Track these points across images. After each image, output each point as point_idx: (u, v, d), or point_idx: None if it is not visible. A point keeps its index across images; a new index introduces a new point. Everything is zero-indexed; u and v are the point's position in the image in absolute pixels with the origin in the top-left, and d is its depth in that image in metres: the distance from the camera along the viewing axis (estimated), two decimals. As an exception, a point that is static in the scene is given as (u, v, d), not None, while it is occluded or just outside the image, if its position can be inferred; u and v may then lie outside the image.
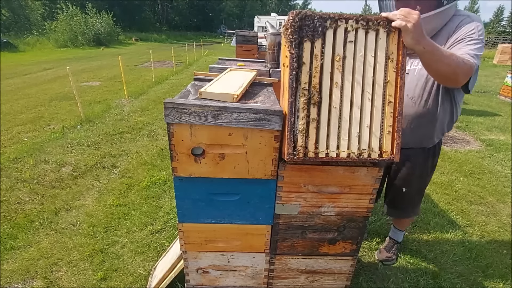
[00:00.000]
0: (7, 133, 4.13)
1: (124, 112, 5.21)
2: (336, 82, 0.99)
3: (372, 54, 1.00)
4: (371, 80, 1.00)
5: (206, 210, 1.20)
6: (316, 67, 0.98)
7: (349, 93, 1.00)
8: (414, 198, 1.77)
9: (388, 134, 1.02)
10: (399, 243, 2.02)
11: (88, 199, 2.62)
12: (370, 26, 0.98)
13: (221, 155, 1.08)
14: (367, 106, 1.01)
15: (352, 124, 1.01)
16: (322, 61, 0.98)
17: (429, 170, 1.67)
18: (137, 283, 1.77)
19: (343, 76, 0.99)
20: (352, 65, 0.99)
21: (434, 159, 1.65)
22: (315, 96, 0.98)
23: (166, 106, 0.98)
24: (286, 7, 62.38)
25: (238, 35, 5.05)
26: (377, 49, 1.00)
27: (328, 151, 1.01)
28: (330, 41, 0.97)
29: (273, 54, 1.78)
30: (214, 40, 30.94)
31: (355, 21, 0.97)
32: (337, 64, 0.99)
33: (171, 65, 10.51)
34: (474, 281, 1.85)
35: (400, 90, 1.00)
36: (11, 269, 1.86)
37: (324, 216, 1.23)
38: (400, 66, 1.00)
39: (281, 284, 1.44)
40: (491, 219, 2.50)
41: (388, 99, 1.01)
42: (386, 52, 1.00)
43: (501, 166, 3.54)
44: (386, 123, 1.02)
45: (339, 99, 1.00)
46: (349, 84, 1.00)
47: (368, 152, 1.02)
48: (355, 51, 0.99)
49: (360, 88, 1.00)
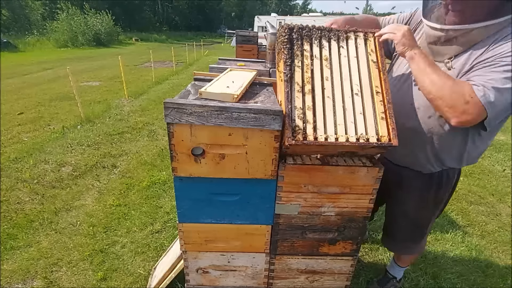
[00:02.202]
0: (7, 133, 4.13)
1: (124, 112, 5.21)
2: (326, 76, 1.12)
3: (354, 55, 1.17)
4: (357, 75, 1.13)
5: (206, 210, 1.20)
6: (307, 64, 1.12)
7: (339, 86, 1.11)
8: (413, 233, 1.44)
9: (382, 120, 1.07)
10: (397, 280, 1.72)
11: (88, 199, 2.62)
12: (349, 36, 1.19)
13: (221, 155, 1.08)
14: (357, 96, 1.11)
15: (346, 111, 1.08)
16: (312, 60, 1.13)
17: (431, 203, 1.35)
18: (137, 283, 1.77)
19: (332, 73, 1.12)
20: (339, 64, 1.14)
21: (438, 191, 1.31)
22: (308, 86, 1.09)
23: (166, 106, 0.98)
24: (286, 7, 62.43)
25: (238, 35, 5.04)
26: (358, 52, 1.17)
27: (327, 136, 1.03)
28: (317, 46, 1.16)
29: (273, 54, 1.78)
30: (214, 40, 30.96)
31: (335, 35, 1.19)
32: (325, 63, 1.14)
33: (171, 65, 10.51)
34: (474, 281, 1.85)
35: (385, 83, 1.10)
36: (11, 269, 1.86)
37: (324, 216, 1.23)
38: (381, 64, 1.13)
39: (281, 284, 1.44)
40: (491, 219, 2.50)
41: (375, 90, 1.11)
42: (366, 54, 1.16)
43: (501, 166, 3.53)
44: (378, 110, 1.09)
45: (331, 91, 1.10)
46: (338, 78, 1.12)
47: (366, 137, 1.04)
48: (340, 54, 1.16)
49: (348, 82, 1.12)
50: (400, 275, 1.73)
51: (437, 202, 1.36)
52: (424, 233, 1.46)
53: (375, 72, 1.13)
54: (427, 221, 1.41)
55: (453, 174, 1.29)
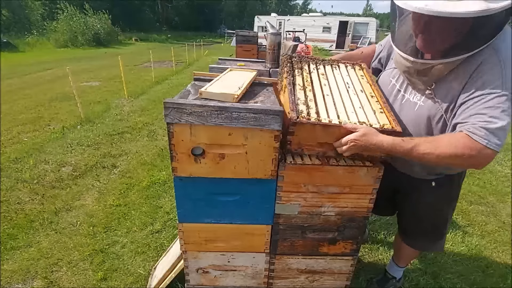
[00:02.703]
0: (7, 133, 4.12)
1: (124, 112, 5.21)
2: (324, 83, 1.29)
3: (346, 74, 1.38)
4: (352, 85, 1.31)
5: (206, 210, 1.20)
6: (307, 74, 1.33)
7: (336, 89, 1.27)
8: (430, 234, 1.42)
9: (381, 113, 1.15)
10: (397, 280, 1.71)
11: (88, 199, 2.62)
12: (340, 65, 1.44)
13: (221, 155, 1.08)
14: (354, 96, 1.24)
15: (346, 105, 1.18)
16: (310, 73, 1.34)
17: (444, 203, 1.33)
18: (137, 283, 1.77)
19: (329, 82, 1.31)
20: (334, 77, 1.35)
21: (451, 189, 1.30)
22: (309, 87, 1.24)
23: (166, 106, 0.98)
24: (286, 7, 62.42)
25: (238, 35, 5.05)
26: (349, 72, 1.40)
27: (330, 120, 1.08)
28: (314, 67, 1.40)
29: (273, 54, 1.78)
30: (214, 40, 30.92)
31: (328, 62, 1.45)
32: (322, 76, 1.34)
33: (171, 65, 10.50)
34: (474, 281, 1.86)
35: (378, 91, 1.25)
36: (11, 269, 1.86)
37: (324, 216, 1.23)
38: (371, 80, 1.33)
39: (281, 284, 1.44)
40: (491, 219, 2.50)
41: (370, 94, 1.25)
42: (356, 74, 1.39)
43: (501, 166, 3.53)
44: (375, 107, 1.18)
45: (329, 91, 1.25)
46: (334, 84, 1.30)
47: (369, 123, 1.08)
48: (333, 72, 1.39)
49: (344, 88, 1.29)
50: (400, 275, 1.72)
51: (450, 201, 1.34)
52: (443, 232, 1.43)
53: (367, 85, 1.31)
54: (443, 220, 1.38)
55: (461, 173, 1.28)
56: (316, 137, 1.09)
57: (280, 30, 1.56)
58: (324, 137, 1.09)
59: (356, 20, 20.30)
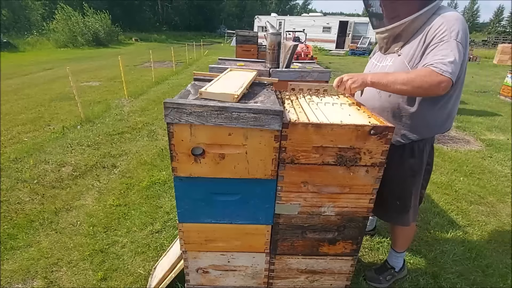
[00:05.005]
0: (7, 133, 4.13)
1: (124, 112, 5.21)
2: (312, 102, 1.41)
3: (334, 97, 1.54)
4: (338, 102, 1.44)
5: (206, 210, 1.20)
6: (295, 99, 1.47)
7: (324, 106, 1.37)
8: (396, 204, 1.51)
9: (370, 117, 1.22)
10: (396, 270, 1.75)
11: (88, 199, 2.62)
12: (321, 91, 1.59)
13: (221, 155, 1.08)
14: (342, 109, 1.34)
15: (336, 113, 1.24)
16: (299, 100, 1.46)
17: (408, 174, 1.44)
18: (137, 283, 1.77)
19: (317, 104, 1.40)
20: (322, 100, 1.46)
21: (412, 162, 1.42)
22: (298, 106, 1.34)
23: (166, 106, 0.98)
24: (286, 7, 62.44)
25: (238, 35, 5.05)
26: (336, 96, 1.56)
27: (321, 121, 1.11)
28: (301, 95, 1.55)
29: (273, 54, 1.78)
30: (214, 40, 30.93)
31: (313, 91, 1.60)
32: (309, 99, 1.45)
33: (171, 65, 10.51)
34: (474, 281, 1.85)
35: (365, 108, 1.34)
36: (11, 269, 1.86)
37: (324, 216, 1.23)
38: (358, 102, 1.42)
39: (281, 284, 1.44)
40: (491, 219, 2.50)
41: (357, 108, 1.35)
42: (343, 98, 1.52)
43: (501, 166, 3.53)
44: (364, 115, 1.25)
45: (317, 106, 1.35)
46: (322, 104, 1.41)
47: (361, 123, 1.10)
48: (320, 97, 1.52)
49: (332, 103, 1.41)
50: (399, 265, 1.74)
51: (413, 173, 1.45)
52: (407, 205, 1.51)
53: (353, 103, 1.42)
54: (407, 193, 1.49)
55: (423, 145, 1.42)
56: (311, 140, 1.07)
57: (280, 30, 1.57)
58: (318, 140, 1.07)
59: (356, 20, 20.31)
